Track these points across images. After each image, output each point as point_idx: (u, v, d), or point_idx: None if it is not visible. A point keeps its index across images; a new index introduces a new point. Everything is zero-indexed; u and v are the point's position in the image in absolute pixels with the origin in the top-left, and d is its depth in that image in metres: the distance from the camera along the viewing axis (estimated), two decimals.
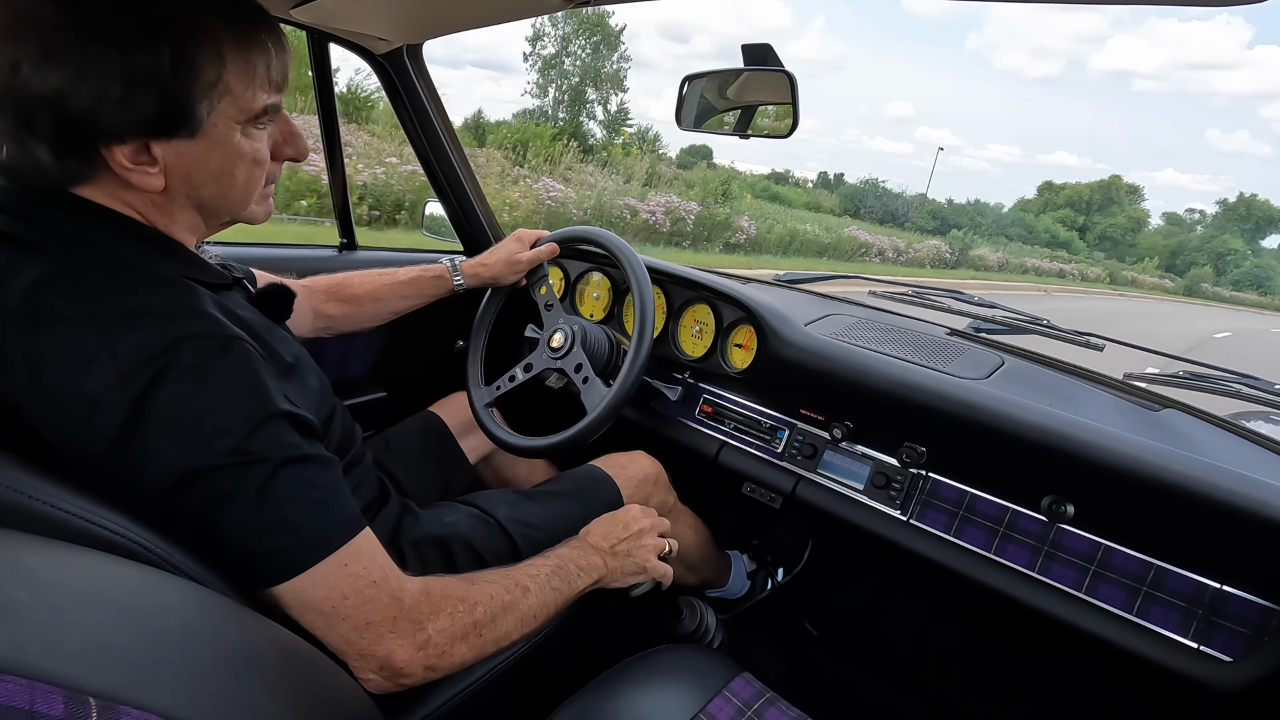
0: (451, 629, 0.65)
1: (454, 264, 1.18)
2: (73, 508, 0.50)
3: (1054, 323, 1.24)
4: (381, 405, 1.47)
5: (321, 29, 1.19)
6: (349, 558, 0.59)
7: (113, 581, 0.44)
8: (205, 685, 0.41)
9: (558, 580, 0.81)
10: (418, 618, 0.63)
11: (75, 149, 0.55)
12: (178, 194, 0.61)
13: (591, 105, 22.93)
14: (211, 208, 0.64)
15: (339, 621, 0.58)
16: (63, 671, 0.34)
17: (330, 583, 0.58)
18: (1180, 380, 1.06)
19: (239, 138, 0.61)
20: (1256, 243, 40.16)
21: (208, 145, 0.59)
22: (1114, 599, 0.85)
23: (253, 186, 0.65)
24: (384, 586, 0.61)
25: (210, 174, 0.61)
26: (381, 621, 0.60)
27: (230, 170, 0.62)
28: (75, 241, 0.57)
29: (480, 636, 0.68)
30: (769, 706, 0.84)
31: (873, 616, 1.48)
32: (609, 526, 0.93)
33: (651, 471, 1.16)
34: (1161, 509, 0.82)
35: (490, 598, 0.70)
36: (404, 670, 0.62)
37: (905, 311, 1.40)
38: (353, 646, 0.59)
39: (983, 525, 0.96)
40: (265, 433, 0.57)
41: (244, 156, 0.62)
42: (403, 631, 0.61)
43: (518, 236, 1.23)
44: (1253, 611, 0.78)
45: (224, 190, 0.63)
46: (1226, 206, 40.72)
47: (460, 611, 0.66)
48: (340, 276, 1.10)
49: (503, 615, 0.71)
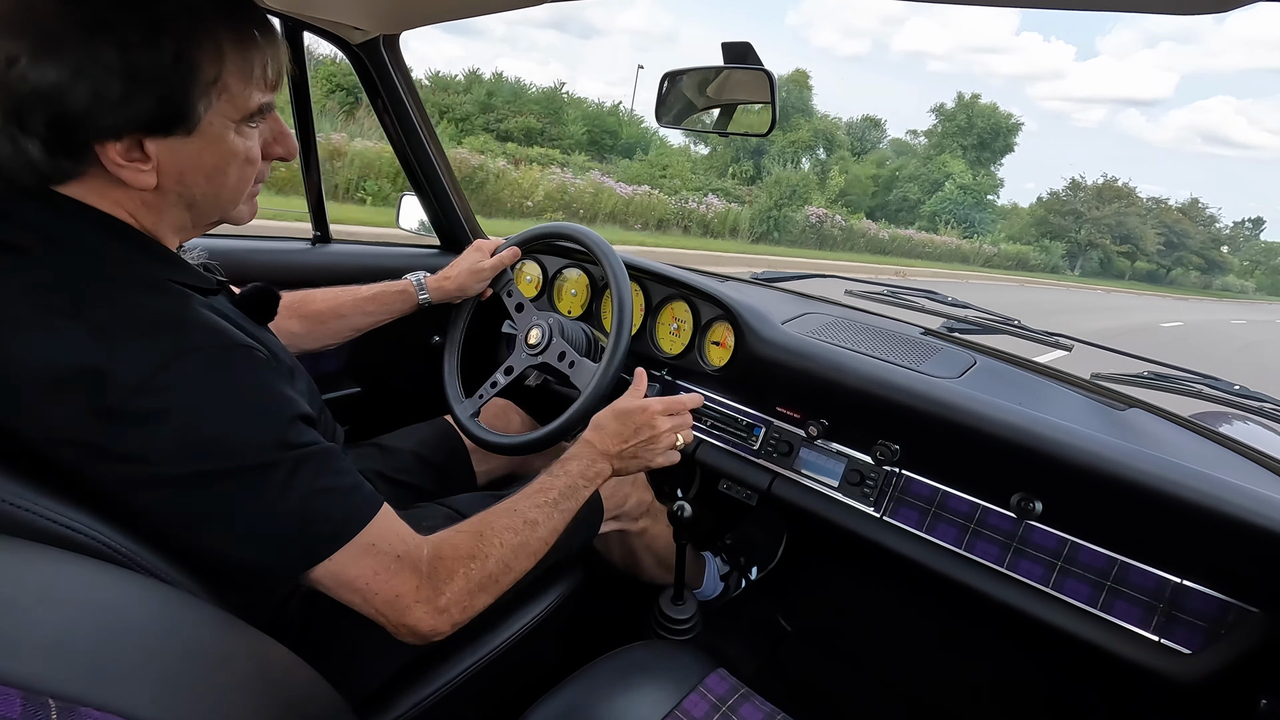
0: (467, 587, 0.69)
1: (419, 280, 1.17)
2: (35, 506, 0.48)
3: (1025, 324, 1.26)
4: (356, 400, 1.45)
5: (296, 17, 1.17)
6: (375, 536, 0.63)
7: (76, 581, 0.43)
8: (172, 686, 0.40)
9: (567, 501, 0.83)
10: (436, 583, 0.66)
11: (68, 146, 0.54)
12: (169, 192, 0.60)
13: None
14: (202, 207, 0.63)
15: (372, 597, 0.63)
16: (21, 672, 0.33)
17: (362, 562, 0.62)
18: (1145, 380, 1.08)
19: (233, 136, 0.61)
20: (986, 167, 30.58)
21: (202, 143, 0.59)
22: (1079, 594, 0.87)
23: (243, 186, 0.65)
24: (406, 559, 0.65)
25: (203, 173, 0.61)
26: (406, 593, 0.64)
27: (223, 169, 0.62)
28: (64, 244, 0.56)
29: (497, 584, 0.72)
30: (743, 702, 0.85)
31: (847, 612, 1.50)
32: (621, 427, 0.91)
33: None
34: (1126, 506, 0.84)
35: (501, 546, 0.73)
36: (432, 632, 0.66)
37: (880, 311, 1.42)
38: (386, 619, 0.64)
39: (954, 522, 0.98)
40: (285, 434, 0.59)
41: (237, 155, 0.62)
42: (425, 599, 0.65)
43: (476, 246, 1.23)
44: (1211, 605, 0.80)
45: (216, 189, 0.63)
46: (944, 114, 31.30)
47: (474, 569, 0.70)
48: (301, 293, 1.08)
49: (515, 558, 0.74)
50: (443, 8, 1.10)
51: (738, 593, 1.46)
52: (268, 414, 0.59)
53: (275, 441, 0.58)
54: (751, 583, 1.48)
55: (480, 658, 0.89)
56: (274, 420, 0.59)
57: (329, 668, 0.58)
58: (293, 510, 0.58)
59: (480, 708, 0.92)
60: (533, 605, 0.97)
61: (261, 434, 0.57)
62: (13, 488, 0.48)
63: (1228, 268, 48.32)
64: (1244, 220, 77.24)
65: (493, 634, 0.91)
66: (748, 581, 1.48)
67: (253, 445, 0.57)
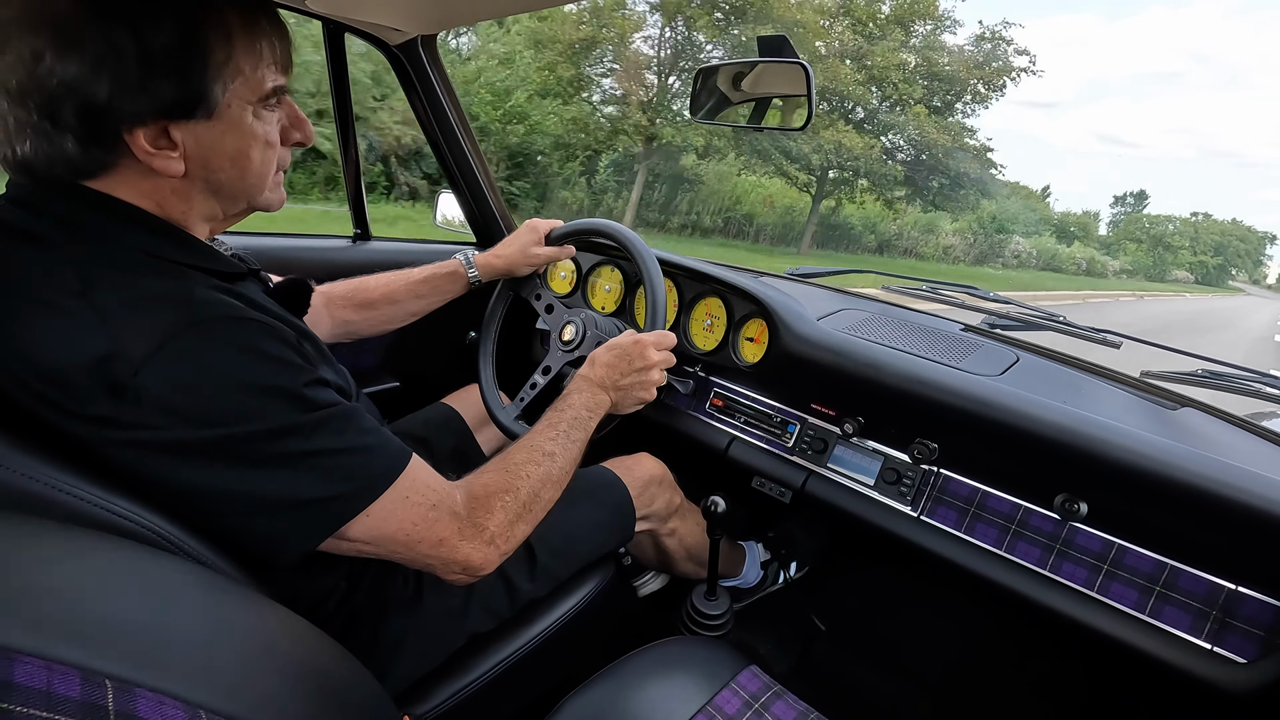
0: (507, 518, 0.73)
1: (467, 258, 1.18)
2: (84, 493, 0.50)
3: (1070, 319, 1.23)
4: (394, 395, 1.48)
5: (336, 19, 1.19)
6: (408, 489, 0.65)
7: (129, 566, 0.45)
8: (219, 670, 0.41)
9: (576, 431, 0.87)
10: (477, 520, 0.71)
11: (99, 136, 0.56)
12: (196, 178, 0.62)
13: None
14: (229, 192, 0.65)
15: (418, 545, 0.66)
16: (80, 654, 0.34)
17: (400, 515, 0.64)
18: (1198, 379, 1.04)
19: (251, 119, 0.62)
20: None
21: (224, 127, 0.61)
22: (1126, 598, 0.85)
23: (267, 170, 0.67)
24: (442, 507, 0.68)
25: (227, 156, 0.62)
26: (450, 535, 0.68)
27: (246, 152, 0.63)
28: (83, 233, 0.58)
29: (531, 512, 0.76)
30: (776, 700, 0.85)
31: (881, 612, 1.48)
32: (615, 359, 0.97)
33: (657, 472, 1.17)
34: (1176, 509, 0.81)
35: (528, 478, 0.77)
36: (481, 566, 0.71)
37: (919, 306, 1.39)
38: (436, 563, 0.68)
39: (994, 522, 0.96)
40: (302, 397, 0.60)
41: (258, 138, 0.64)
42: (469, 536, 0.69)
43: (531, 227, 1.23)
44: (1268, 613, 0.77)
45: (241, 173, 0.64)
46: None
47: (509, 501, 0.74)
48: (355, 281, 1.11)
49: (542, 487, 0.78)
50: (480, 8, 1.11)
51: (775, 587, 1.45)
52: (281, 378, 0.59)
53: (291, 404, 0.59)
54: (789, 580, 1.47)
55: (514, 651, 0.90)
56: (288, 384, 0.59)
57: (369, 663, 0.60)
58: (320, 470, 0.60)
59: (514, 701, 0.93)
60: (566, 600, 0.98)
61: (275, 398, 0.58)
62: (60, 475, 0.50)
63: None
64: (1125, 194, 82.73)
65: (528, 628, 0.93)
66: (787, 578, 1.47)
67: (269, 409, 0.58)
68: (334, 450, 0.61)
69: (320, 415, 0.61)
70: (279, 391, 0.59)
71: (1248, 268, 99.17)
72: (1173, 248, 78.15)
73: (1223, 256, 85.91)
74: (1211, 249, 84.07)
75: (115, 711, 0.33)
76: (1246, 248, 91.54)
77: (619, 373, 0.96)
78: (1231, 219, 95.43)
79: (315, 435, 0.60)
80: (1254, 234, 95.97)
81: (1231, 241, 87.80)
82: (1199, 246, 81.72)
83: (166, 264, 0.60)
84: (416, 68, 1.36)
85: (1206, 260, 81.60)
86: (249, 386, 0.57)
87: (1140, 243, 77.69)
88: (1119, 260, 53.60)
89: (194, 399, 0.55)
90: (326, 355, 0.74)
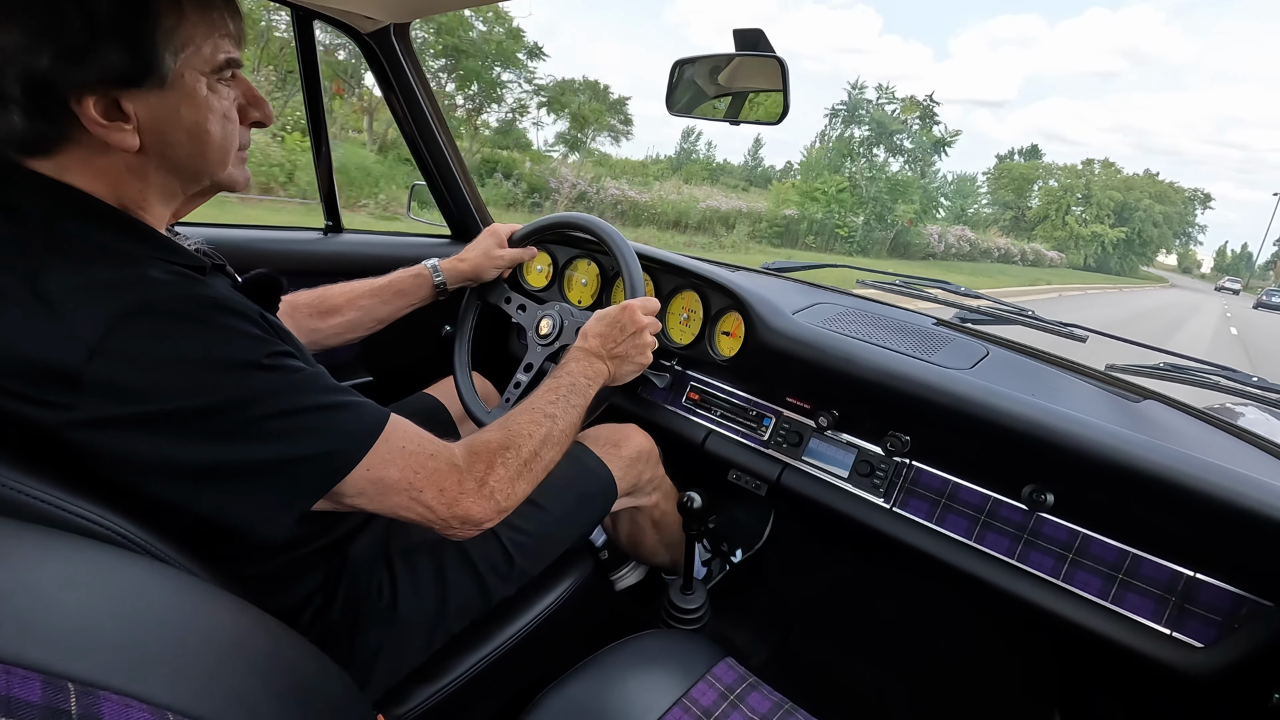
0: (508, 474, 0.73)
1: (433, 265, 1.17)
2: (45, 495, 0.49)
3: (1038, 314, 1.25)
4: (368, 390, 1.46)
5: (305, 6, 1.17)
6: (403, 439, 0.66)
7: (92, 566, 0.44)
8: (189, 670, 0.40)
9: (575, 397, 0.87)
10: (478, 474, 0.71)
11: (44, 107, 0.54)
12: (152, 153, 0.60)
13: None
14: (189, 168, 0.63)
15: (419, 494, 0.66)
16: (41, 657, 0.33)
17: (399, 463, 0.65)
18: (1160, 372, 1.07)
19: (206, 91, 0.61)
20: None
21: (177, 98, 0.59)
22: (1090, 586, 0.87)
23: (229, 144, 0.65)
24: (441, 455, 0.68)
25: (183, 129, 0.61)
26: (451, 485, 0.68)
27: (203, 125, 0.62)
28: (32, 220, 0.56)
29: (531, 470, 0.77)
30: (751, 691, 0.85)
31: (855, 603, 1.50)
32: (607, 328, 0.97)
33: (645, 446, 1.17)
34: (1139, 499, 0.83)
35: (529, 436, 0.78)
36: (484, 518, 0.71)
37: (892, 301, 1.41)
38: (437, 513, 0.67)
39: (964, 513, 0.97)
40: (272, 364, 0.59)
41: (214, 111, 0.62)
42: (470, 490, 0.69)
43: (492, 231, 1.23)
44: (1225, 599, 0.79)
45: (200, 147, 0.62)
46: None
47: (510, 457, 0.74)
48: (319, 290, 1.09)
49: (543, 447, 0.79)
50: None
51: (721, 576, 1.48)
52: (244, 352, 0.58)
53: (262, 371, 0.58)
54: (736, 566, 1.49)
55: (493, 649, 0.90)
56: (253, 356, 0.58)
57: (349, 667, 0.59)
58: (307, 429, 0.59)
59: (493, 698, 0.93)
60: (544, 597, 0.98)
61: (243, 369, 0.57)
62: (16, 475, 0.49)
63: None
64: (1012, 150, 55.20)
65: (506, 626, 0.92)
66: (731, 565, 1.49)
67: (239, 380, 0.57)
68: (317, 407, 0.61)
69: (295, 378, 0.60)
70: (245, 364, 0.57)
71: (1169, 242, 58.31)
72: (1046, 218, 47.62)
73: (1129, 227, 50.01)
74: (1111, 214, 48.65)
75: (78, 715, 0.32)
76: (1168, 212, 53.85)
77: (612, 340, 0.96)
78: (1144, 169, 60.85)
79: (294, 396, 0.59)
80: (1178, 193, 57.76)
81: (1142, 202, 51.33)
82: (1092, 212, 47.34)
83: (119, 253, 0.58)
84: (389, 57, 1.34)
85: (1103, 232, 46.41)
86: (213, 361, 0.56)
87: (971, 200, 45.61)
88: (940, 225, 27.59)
89: (158, 376, 0.54)
90: (299, 347, 0.73)
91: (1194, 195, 61.51)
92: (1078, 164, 53.10)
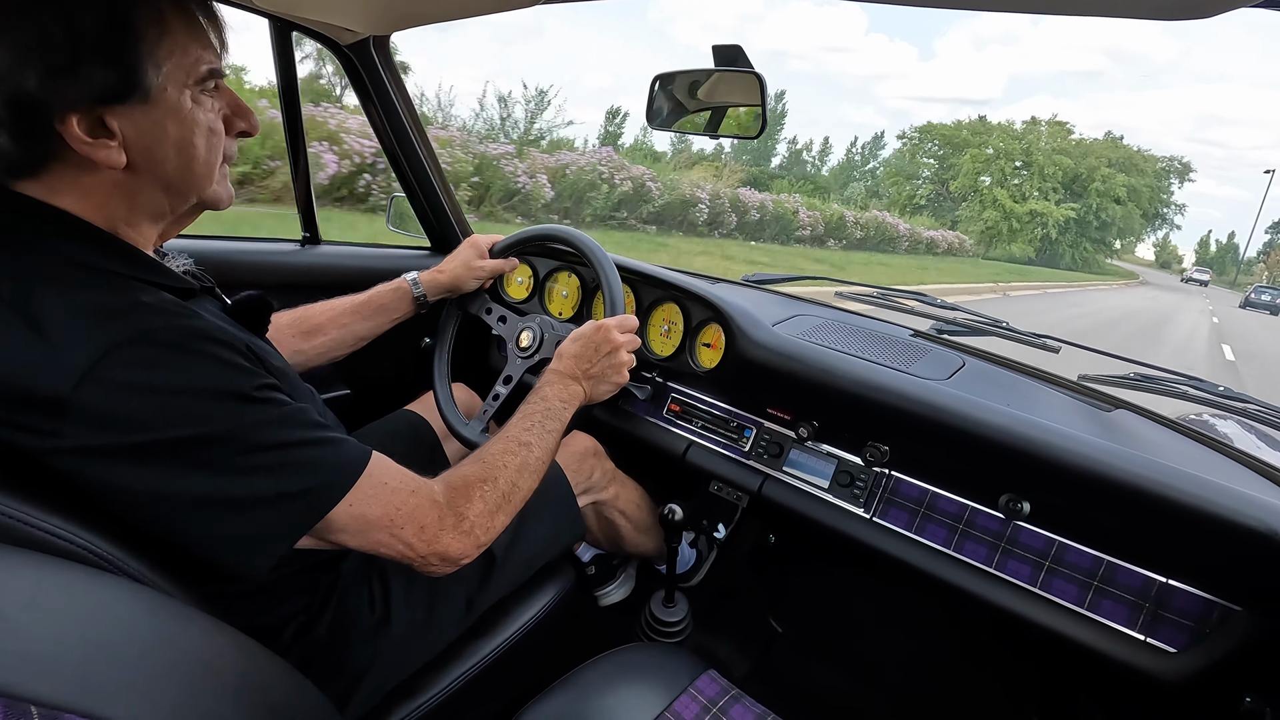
0: (486, 507, 0.73)
1: (412, 278, 1.17)
2: (14, 511, 0.48)
3: (1013, 325, 1.27)
4: (345, 403, 1.44)
5: (285, 17, 1.16)
6: (384, 475, 0.66)
7: (61, 587, 0.43)
8: (159, 692, 0.39)
9: (551, 422, 0.87)
10: (457, 509, 0.71)
11: (31, 128, 0.54)
12: (140, 171, 0.59)
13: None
14: (177, 185, 0.63)
15: (400, 531, 0.66)
16: (3, 679, 0.32)
17: (381, 500, 0.65)
18: (1131, 382, 1.09)
19: (190, 104, 0.60)
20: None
21: (161, 112, 0.59)
22: (1067, 593, 0.88)
23: (214, 159, 0.65)
24: (421, 492, 0.68)
25: (170, 144, 0.60)
26: (431, 522, 0.68)
27: (189, 139, 0.61)
28: (18, 243, 0.55)
29: (509, 502, 0.77)
30: (734, 704, 0.85)
31: (837, 613, 1.51)
32: (582, 349, 0.97)
33: (589, 445, 1.20)
34: (1112, 507, 0.85)
35: (505, 467, 0.78)
36: (461, 555, 0.70)
37: (870, 313, 1.42)
38: (416, 550, 0.67)
39: (943, 522, 0.98)
40: (255, 397, 0.59)
41: (199, 125, 0.62)
42: (449, 526, 0.69)
43: (472, 242, 1.23)
44: (1197, 604, 0.81)
45: (187, 162, 0.62)
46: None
47: (488, 490, 0.74)
48: (300, 310, 1.08)
49: (520, 477, 0.79)
50: (432, 11, 1.10)
51: (713, 556, 1.47)
52: (233, 383, 0.58)
53: (247, 405, 0.58)
54: (720, 542, 1.47)
55: (474, 664, 0.89)
56: (240, 388, 0.58)
57: (329, 693, 0.58)
58: (293, 464, 0.59)
59: (475, 713, 0.91)
60: (525, 609, 0.97)
61: (230, 400, 0.57)
62: None
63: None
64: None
65: (486, 640, 0.91)
66: (717, 542, 1.48)
67: (225, 412, 0.56)
68: (303, 442, 0.60)
69: (282, 412, 0.60)
70: (234, 395, 0.57)
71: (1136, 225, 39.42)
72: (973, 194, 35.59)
73: (1084, 204, 35.88)
74: (1060, 186, 35.58)
75: None
76: (1134, 186, 36.83)
77: (587, 361, 0.96)
78: (1106, 132, 44.65)
79: (281, 431, 0.59)
80: (1148, 161, 39.75)
81: (1099, 171, 36.32)
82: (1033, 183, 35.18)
83: (109, 277, 0.57)
84: (369, 69, 1.33)
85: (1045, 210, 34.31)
86: (202, 392, 0.55)
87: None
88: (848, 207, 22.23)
89: (147, 405, 0.53)
90: (289, 371, 0.73)
91: (1169, 166, 41.05)
92: (1017, 124, 38.23)
